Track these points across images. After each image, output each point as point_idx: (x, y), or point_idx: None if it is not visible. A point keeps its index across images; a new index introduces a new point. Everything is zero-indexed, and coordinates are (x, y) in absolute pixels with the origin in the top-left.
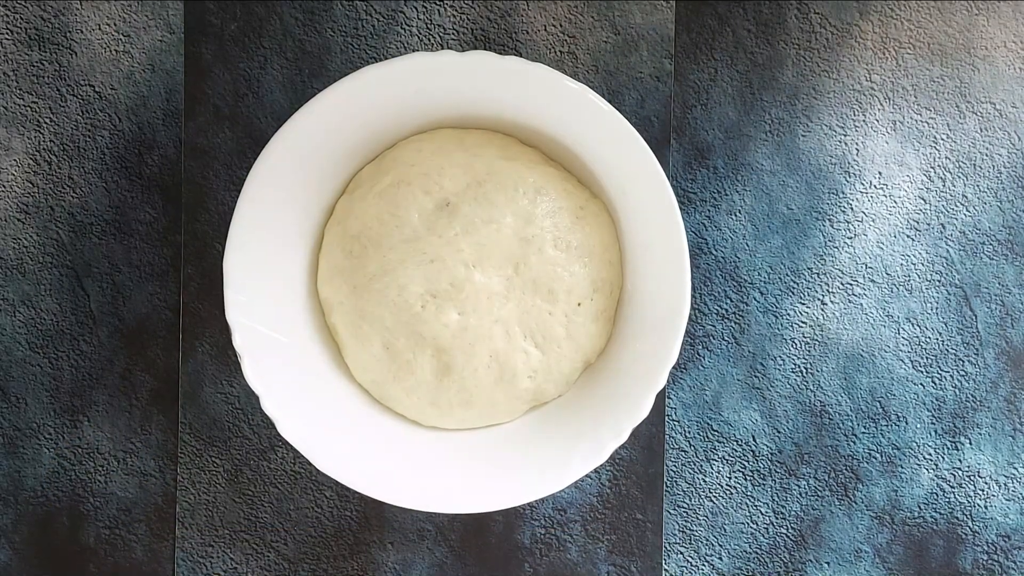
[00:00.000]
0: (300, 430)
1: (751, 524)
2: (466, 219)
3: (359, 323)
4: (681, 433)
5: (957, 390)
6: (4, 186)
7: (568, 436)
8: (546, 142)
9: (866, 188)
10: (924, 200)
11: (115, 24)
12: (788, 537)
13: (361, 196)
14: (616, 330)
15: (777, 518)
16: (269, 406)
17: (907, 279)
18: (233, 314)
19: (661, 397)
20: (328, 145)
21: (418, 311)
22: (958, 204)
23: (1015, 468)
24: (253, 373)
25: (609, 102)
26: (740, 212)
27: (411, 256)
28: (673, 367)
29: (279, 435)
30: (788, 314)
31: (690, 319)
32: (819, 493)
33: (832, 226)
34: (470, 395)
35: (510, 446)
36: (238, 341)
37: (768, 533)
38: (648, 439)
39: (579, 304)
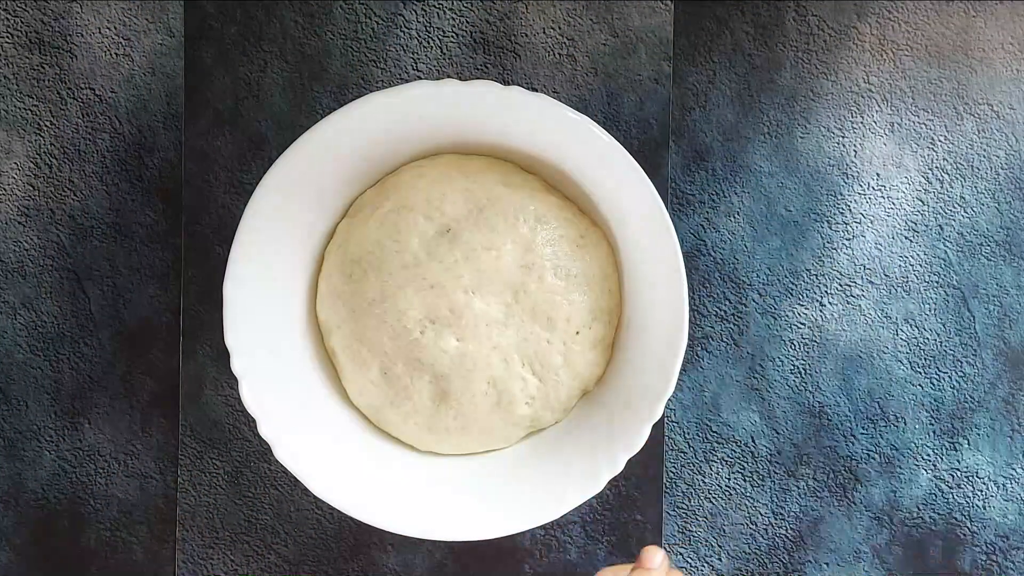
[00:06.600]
0: (296, 454)
1: (750, 525)
2: (466, 245)
3: (357, 347)
4: (680, 434)
5: (955, 391)
6: (5, 189)
7: (564, 464)
8: (547, 169)
9: (864, 190)
10: (922, 201)
11: (115, 27)
12: (787, 538)
13: (362, 220)
14: (614, 358)
15: (776, 519)
16: (266, 431)
17: (905, 280)
18: (232, 338)
19: None
20: (330, 168)
21: (417, 337)
22: (956, 205)
23: (1013, 468)
24: (251, 397)
25: (607, 104)
26: (739, 214)
27: (411, 281)
28: None
29: None
30: (787, 315)
31: (689, 320)
32: (818, 494)
33: (830, 227)
34: (467, 421)
35: (506, 473)
36: (237, 365)
37: (767, 534)
38: (647, 440)
39: (577, 332)
